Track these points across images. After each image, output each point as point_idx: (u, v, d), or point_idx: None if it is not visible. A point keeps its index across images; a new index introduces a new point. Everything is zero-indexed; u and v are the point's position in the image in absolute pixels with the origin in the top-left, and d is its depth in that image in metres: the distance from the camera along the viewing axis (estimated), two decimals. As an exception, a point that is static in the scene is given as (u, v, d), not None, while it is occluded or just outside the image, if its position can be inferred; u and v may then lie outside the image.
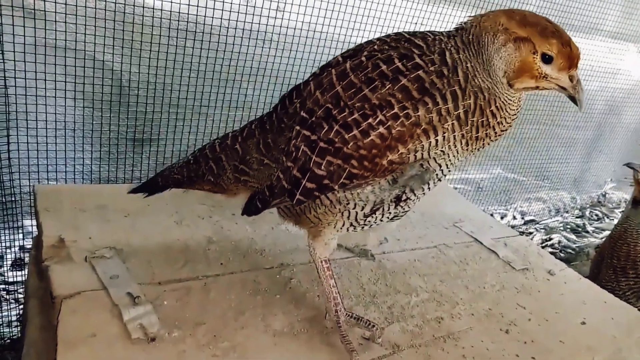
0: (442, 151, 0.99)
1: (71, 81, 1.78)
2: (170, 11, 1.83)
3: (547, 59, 0.96)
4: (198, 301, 1.14)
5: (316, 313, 1.19)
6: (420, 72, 0.95)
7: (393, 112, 0.94)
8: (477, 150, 1.05)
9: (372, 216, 1.07)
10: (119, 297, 1.07)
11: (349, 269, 1.40)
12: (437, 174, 1.03)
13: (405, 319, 1.24)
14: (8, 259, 2.01)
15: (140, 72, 1.91)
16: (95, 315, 1.02)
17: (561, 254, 3.45)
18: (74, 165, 1.96)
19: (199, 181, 1.19)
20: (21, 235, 1.96)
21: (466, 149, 1.02)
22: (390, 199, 1.04)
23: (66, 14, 1.66)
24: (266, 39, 2.06)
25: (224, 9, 1.89)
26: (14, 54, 1.62)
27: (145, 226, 1.36)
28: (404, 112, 0.94)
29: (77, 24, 1.69)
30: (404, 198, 1.04)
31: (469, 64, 0.97)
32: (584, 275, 1.66)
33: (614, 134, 4.21)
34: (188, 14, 1.87)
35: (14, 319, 1.97)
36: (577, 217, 4.13)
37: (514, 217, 3.80)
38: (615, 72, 3.74)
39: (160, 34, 1.83)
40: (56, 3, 1.62)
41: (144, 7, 1.79)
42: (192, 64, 1.93)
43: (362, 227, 1.10)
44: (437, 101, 0.95)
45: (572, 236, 3.75)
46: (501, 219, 3.66)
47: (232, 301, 1.16)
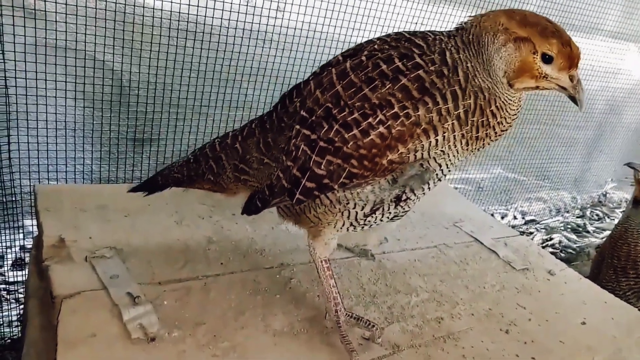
0: (442, 151, 0.99)
1: (71, 81, 1.78)
2: (171, 11, 1.83)
3: (547, 59, 0.96)
4: (198, 301, 1.13)
5: (316, 313, 1.19)
6: (421, 71, 0.95)
7: (393, 111, 0.94)
8: (477, 151, 1.04)
9: (372, 216, 1.07)
10: (119, 297, 1.07)
11: (349, 269, 1.39)
12: (437, 174, 1.03)
13: (405, 319, 1.24)
14: (9, 258, 2.01)
15: (140, 72, 1.92)
16: (95, 315, 1.02)
17: (562, 254, 3.45)
18: (75, 165, 1.96)
19: (198, 180, 1.19)
20: (22, 235, 1.96)
21: (466, 149, 1.02)
22: (390, 198, 1.03)
23: (66, 14, 1.66)
24: (266, 39, 2.06)
25: (224, 9, 1.89)
26: (14, 54, 1.63)
27: (146, 226, 1.36)
28: (404, 111, 0.94)
29: (77, 24, 1.69)
30: (404, 198, 1.04)
31: (469, 64, 0.97)
32: (585, 276, 1.66)
33: (615, 134, 4.20)
34: (188, 14, 1.87)
35: (15, 318, 1.97)
36: (577, 217, 4.12)
37: (514, 217, 3.79)
38: (616, 71, 3.74)
39: (161, 34, 1.83)
40: (56, 3, 1.62)
41: (144, 7, 1.80)
42: (193, 64, 1.94)
43: (362, 227, 1.10)
44: (437, 101, 0.95)
45: (573, 236, 3.75)
46: (502, 218, 3.65)
47: (232, 301, 1.16)
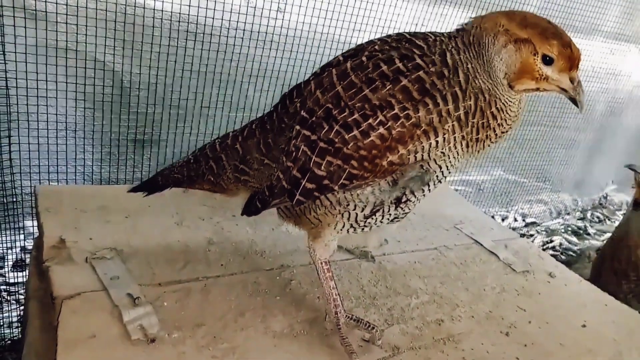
0: (442, 152, 0.99)
1: (72, 82, 1.78)
2: (171, 12, 1.83)
3: (547, 60, 0.96)
4: (198, 302, 1.13)
5: (316, 315, 1.18)
6: (421, 72, 0.95)
7: (393, 112, 0.94)
8: (477, 153, 1.04)
9: (372, 217, 1.06)
10: (119, 298, 1.07)
11: (349, 271, 1.39)
12: (437, 176, 1.03)
13: (405, 321, 1.24)
14: (9, 259, 2.01)
15: (141, 72, 1.92)
16: (95, 316, 1.02)
17: (562, 257, 3.44)
18: (75, 166, 1.96)
19: (199, 180, 1.19)
20: (22, 236, 1.96)
21: (467, 151, 1.02)
22: (391, 200, 1.03)
23: (67, 15, 1.67)
24: (267, 40, 2.06)
25: (224, 10, 1.90)
26: (15, 55, 1.63)
27: (146, 227, 1.36)
28: (405, 112, 0.94)
29: (78, 25, 1.69)
30: (404, 199, 1.04)
31: (469, 65, 0.97)
32: (585, 278, 1.66)
33: (615, 136, 4.19)
34: (189, 15, 1.88)
35: (15, 319, 1.97)
36: (578, 219, 4.12)
37: (514, 219, 3.79)
38: (617, 73, 3.73)
39: (161, 35, 1.83)
40: (57, 4, 1.63)
41: (144, 8, 1.80)
42: (193, 65, 1.94)
43: (362, 229, 1.10)
44: (438, 102, 0.95)
45: (574, 238, 3.74)
46: (502, 221, 3.65)
47: (232, 302, 1.16)
